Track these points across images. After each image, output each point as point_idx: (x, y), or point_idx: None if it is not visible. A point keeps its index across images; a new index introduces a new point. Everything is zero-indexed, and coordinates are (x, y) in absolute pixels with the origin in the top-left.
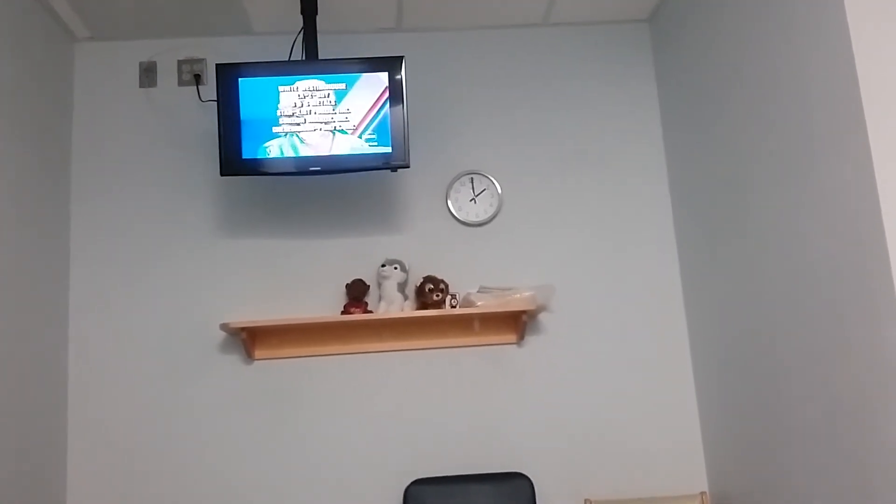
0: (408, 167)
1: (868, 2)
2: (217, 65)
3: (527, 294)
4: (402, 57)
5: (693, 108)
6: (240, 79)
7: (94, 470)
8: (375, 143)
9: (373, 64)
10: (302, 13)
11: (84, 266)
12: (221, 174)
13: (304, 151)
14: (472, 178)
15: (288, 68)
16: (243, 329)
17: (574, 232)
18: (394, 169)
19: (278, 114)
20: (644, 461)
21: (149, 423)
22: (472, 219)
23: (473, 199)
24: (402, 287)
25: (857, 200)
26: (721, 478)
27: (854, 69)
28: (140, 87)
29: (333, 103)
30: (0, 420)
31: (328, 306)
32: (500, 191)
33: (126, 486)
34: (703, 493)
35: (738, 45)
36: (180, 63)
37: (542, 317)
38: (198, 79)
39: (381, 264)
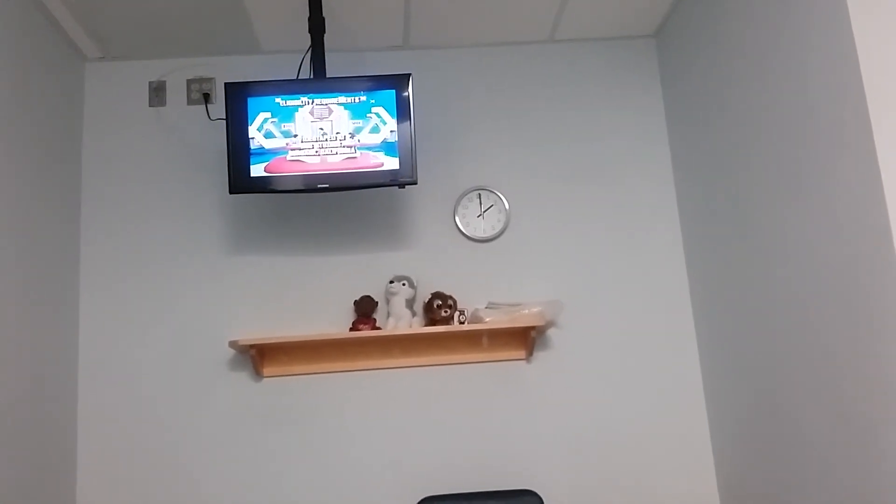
0: (415, 184)
1: (877, 23)
2: (226, 83)
3: (535, 310)
4: (409, 74)
5: (699, 122)
6: (248, 97)
7: (103, 487)
8: (383, 160)
9: (380, 81)
10: (310, 32)
11: (93, 283)
12: (230, 192)
13: (312, 169)
14: (479, 194)
15: (296, 86)
16: (252, 346)
17: (582, 247)
18: (401, 185)
19: (286, 131)
20: (655, 477)
21: (158, 441)
22: (480, 234)
23: (481, 214)
24: (410, 303)
25: (863, 205)
26: (733, 494)
27: (861, 82)
28: (150, 106)
29: (341, 121)
30: (9, 439)
31: (337, 323)
32: (507, 206)
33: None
34: None
35: (744, 59)
36: (189, 82)
37: (551, 332)
38: (207, 97)
39: (389, 280)
